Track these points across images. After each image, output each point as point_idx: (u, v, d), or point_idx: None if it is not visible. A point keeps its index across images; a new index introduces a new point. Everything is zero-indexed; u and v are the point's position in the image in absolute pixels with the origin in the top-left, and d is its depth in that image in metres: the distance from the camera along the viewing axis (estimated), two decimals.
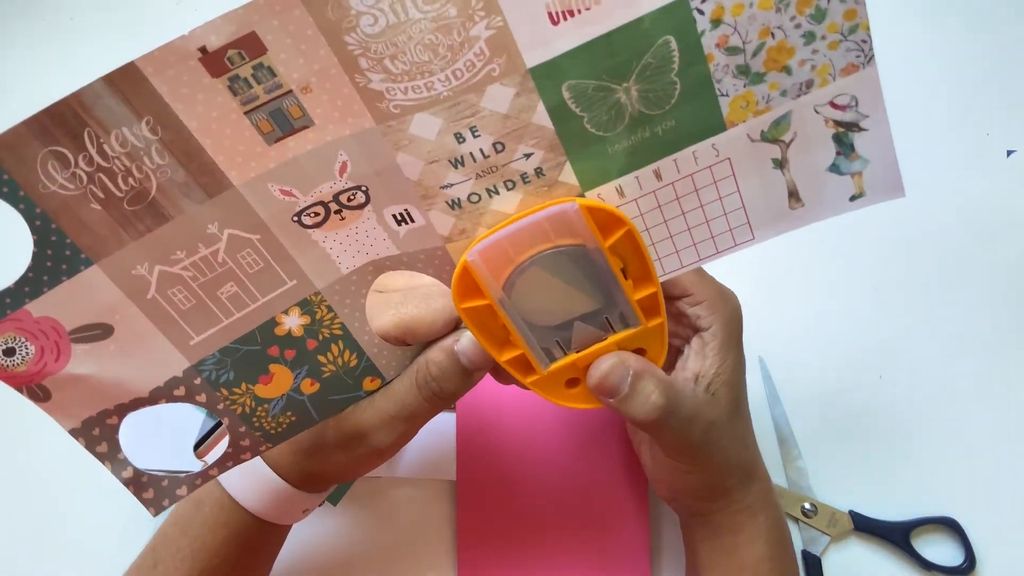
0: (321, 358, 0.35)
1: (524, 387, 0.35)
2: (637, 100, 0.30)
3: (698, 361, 0.38)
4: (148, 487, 0.36)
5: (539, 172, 0.31)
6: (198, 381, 0.34)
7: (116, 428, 0.34)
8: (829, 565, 0.47)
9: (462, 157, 0.30)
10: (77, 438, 0.34)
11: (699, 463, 0.38)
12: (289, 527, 0.43)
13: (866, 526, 0.47)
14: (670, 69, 0.29)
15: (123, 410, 0.34)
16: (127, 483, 0.35)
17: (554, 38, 0.28)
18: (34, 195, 0.28)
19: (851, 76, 0.30)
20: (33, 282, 0.30)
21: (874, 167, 0.31)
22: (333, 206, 0.31)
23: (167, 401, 0.34)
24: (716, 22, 0.28)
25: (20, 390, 0.32)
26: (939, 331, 0.50)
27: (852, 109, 0.30)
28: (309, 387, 0.36)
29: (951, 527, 0.47)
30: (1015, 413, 0.49)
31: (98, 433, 0.34)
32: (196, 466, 0.37)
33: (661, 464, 0.40)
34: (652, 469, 0.43)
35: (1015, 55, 0.53)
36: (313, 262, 0.33)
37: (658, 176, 0.32)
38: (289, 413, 0.36)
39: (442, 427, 0.48)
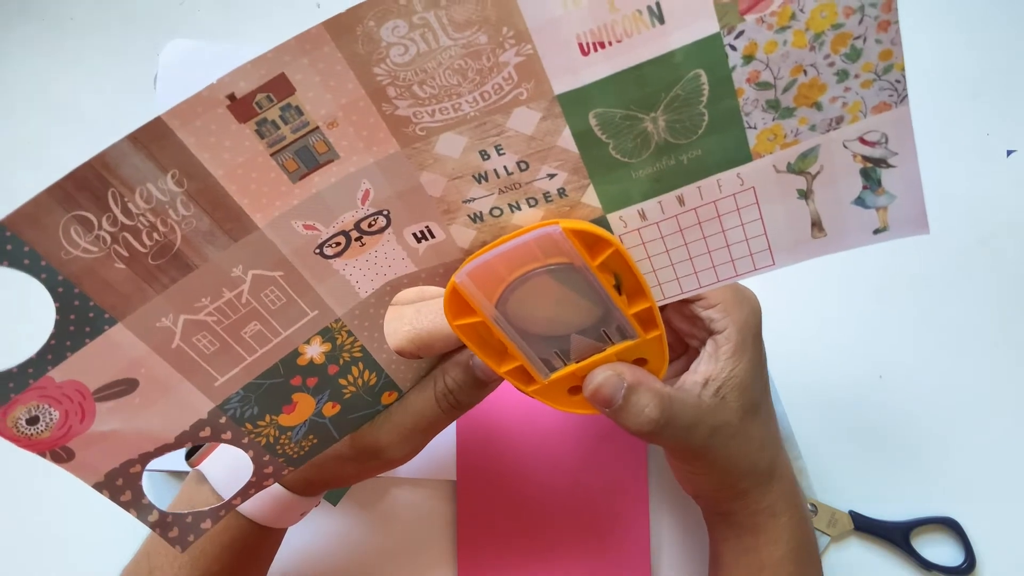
0: (342, 381, 0.35)
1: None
2: (664, 129, 0.29)
3: (710, 365, 0.37)
4: (173, 526, 0.35)
5: (562, 192, 0.31)
6: (223, 420, 0.34)
7: (139, 476, 0.33)
8: (829, 565, 0.48)
9: (486, 173, 0.30)
10: (101, 491, 0.33)
11: (703, 466, 0.38)
12: (285, 530, 0.43)
13: (866, 526, 0.48)
14: (699, 101, 0.29)
15: (147, 458, 0.33)
16: (153, 526, 0.35)
17: (583, 67, 0.28)
18: (56, 263, 0.27)
19: (883, 114, 0.29)
20: (56, 349, 0.29)
21: (900, 203, 0.31)
22: (354, 234, 0.31)
23: (192, 443, 0.34)
24: (748, 58, 0.28)
25: (43, 455, 0.31)
26: (939, 331, 0.51)
27: (881, 146, 0.30)
28: (331, 410, 0.36)
29: (951, 527, 0.48)
30: (1015, 413, 0.49)
31: (121, 483, 0.34)
32: (218, 500, 0.37)
33: (674, 466, 0.41)
34: (672, 470, 0.43)
35: (1015, 55, 0.53)
36: (333, 290, 0.33)
37: (681, 202, 0.31)
38: (311, 436, 0.36)
39: None
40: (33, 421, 0.30)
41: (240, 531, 0.39)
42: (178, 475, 0.48)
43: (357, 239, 0.32)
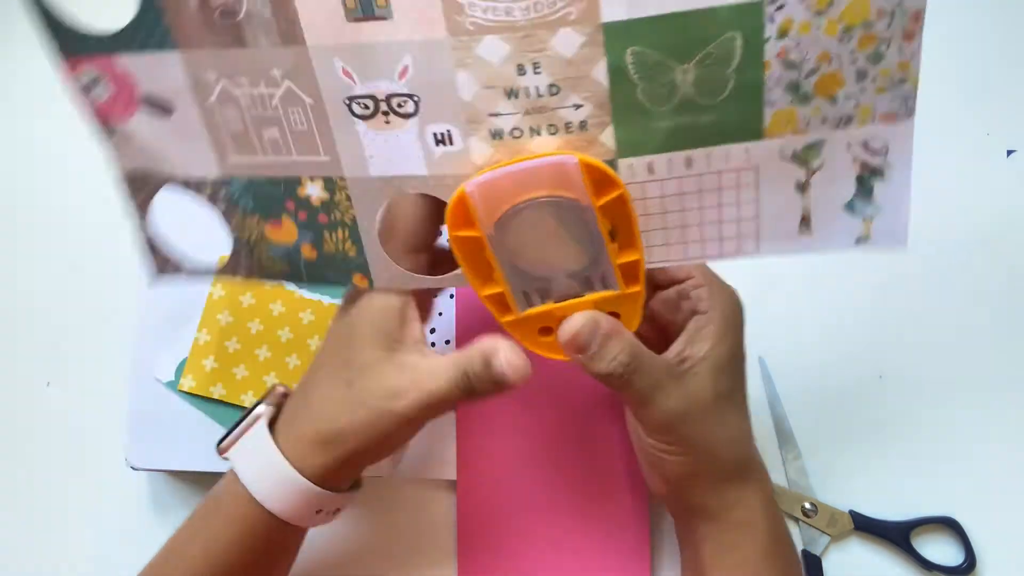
0: (326, 234, 0.37)
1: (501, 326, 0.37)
2: (691, 85, 0.31)
3: (685, 342, 0.38)
4: (160, 253, 0.39)
5: (583, 125, 0.33)
6: (222, 192, 0.37)
7: (152, 193, 0.37)
8: (829, 565, 0.48)
9: (518, 90, 0.32)
10: (122, 184, 0.37)
11: (678, 442, 0.38)
12: (303, 534, 0.42)
13: (866, 526, 0.47)
14: (729, 64, 0.31)
15: (159, 182, 0.37)
16: (144, 241, 0.38)
17: (636, 1, 0.30)
18: None
19: (889, 124, 0.32)
20: (126, 40, 0.33)
21: (886, 216, 0.33)
22: (383, 105, 0.33)
23: (195, 193, 0.37)
24: (783, 34, 0.30)
25: (92, 120, 0.35)
26: (939, 331, 0.50)
27: (882, 156, 0.32)
28: (309, 251, 0.37)
29: (951, 527, 0.47)
30: (1015, 413, 0.49)
31: (139, 185, 0.37)
32: (204, 259, 0.39)
33: (649, 451, 0.40)
34: (645, 463, 0.42)
35: (1015, 55, 0.53)
36: (349, 149, 0.34)
37: (688, 164, 0.33)
38: (284, 264, 0.38)
39: (442, 427, 0.48)
40: (91, 85, 0.34)
41: (257, 522, 0.38)
42: (203, 475, 0.48)
43: (384, 112, 0.33)
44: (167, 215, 0.37)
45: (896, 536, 0.47)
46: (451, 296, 0.48)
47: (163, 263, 0.38)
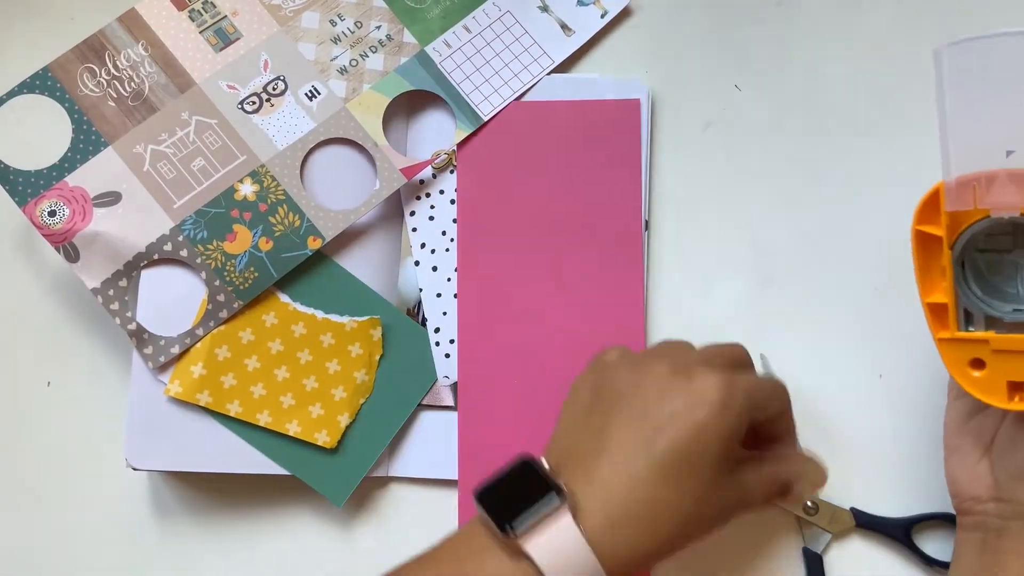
0: (272, 219, 0.46)
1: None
2: None
3: None
4: (148, 344, 0.44)
5: (389, 37, 0.48)
6: (180, 238, 0.45)
7: (126, 291, 0.44)
8: (831, 563, 0.47)
9: (338, 36, 0.47)
10: (96, 296, 0.44)
11: None
12: None
13: (868, 523, 0.47)
14: None
15: (130, 268, 0.44)
16: (131, 335, 0.44)
17: None
18: (74, 96, 0.45)
19: None
20: (70, 160, 0.44)
21: None
22: (264, 95, 0.47)
23: (159, 256, 0.44)
24: None
25: (58, 249, 0.44)
26: None
27: None
28: (265, 244, 0.46)
29: (953, 523, 0.46)
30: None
31: (112, 294, 0.44)
32: (186, 328, 0.43)
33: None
34: (1003, 449, 0.39)
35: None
36: (256, 140, 0.46)
37: (468, 29, 0.49)
38: (252, 269, 0.45)
39: (442, 427, 0.49)
40: (52, 214, 0.43)
41: None
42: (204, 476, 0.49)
43: (267, 100, 0.46)
44: (147, 302, 0.45)
45: (898, 533, 0.47)
46: (454, 296, 0.50)
47: (155, 356, 0.44)
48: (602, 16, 0.50)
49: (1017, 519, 0.37)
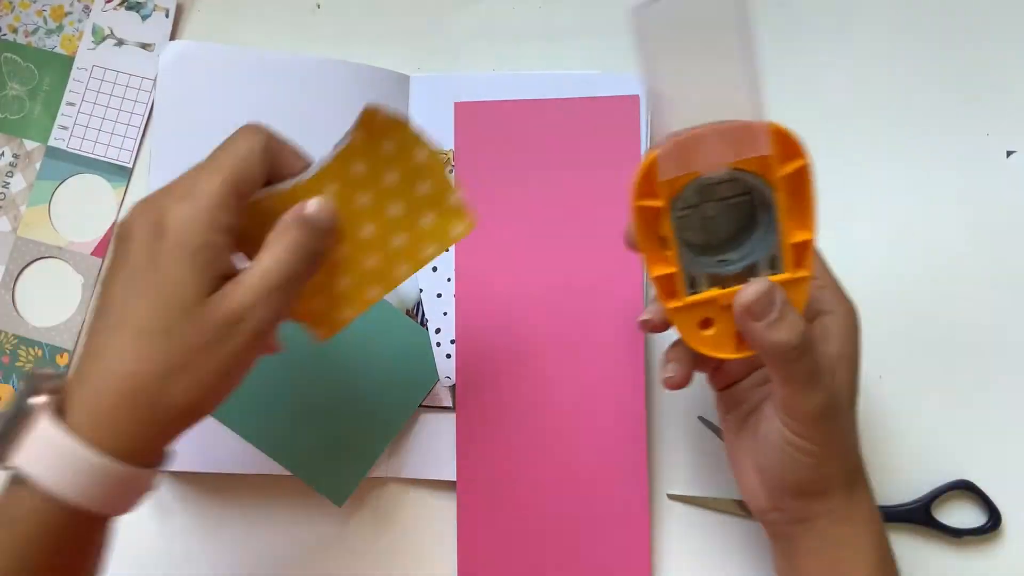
0: (19, 363, 0.49)
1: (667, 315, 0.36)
2: None
3: (820, 343, 0.36)
4: None
5: (16, 156, 0.50)
6: None
7: None
8: None
9: None
10: None
11: (818, 436, 0.36)
12: (111, 521, 0.35)
13: (886, 515, 0.46)
14: None
15: None
16: None
17: None
18: None
19: None
20: None
21: None
22: None
23: None
24: None
25: None
26: (939, 331, 0.50)
27: None
28: None
29: (969, 489, 0.47)
30: (1015, 413, 0.49)
31: None
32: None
33: (782, 450, 0.37)
34: (757, 470, 0.40)
35: (1015, 55, 0.52)
36: None
37: (71, 103, 0.51)
38: None
39: (442, 427, 0.49)
40: None
41: (49, 521, 0.32)
42: (204, 476, 0.48)
43: None
44: None
45: (918, 515, 0.47)
46: (454, 295, 0.49)
47: None
48: (167, 16, 0.51)
49: (796, 523, 0.39)
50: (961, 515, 0.47)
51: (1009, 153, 0.51)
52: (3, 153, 0.49)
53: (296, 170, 0.36)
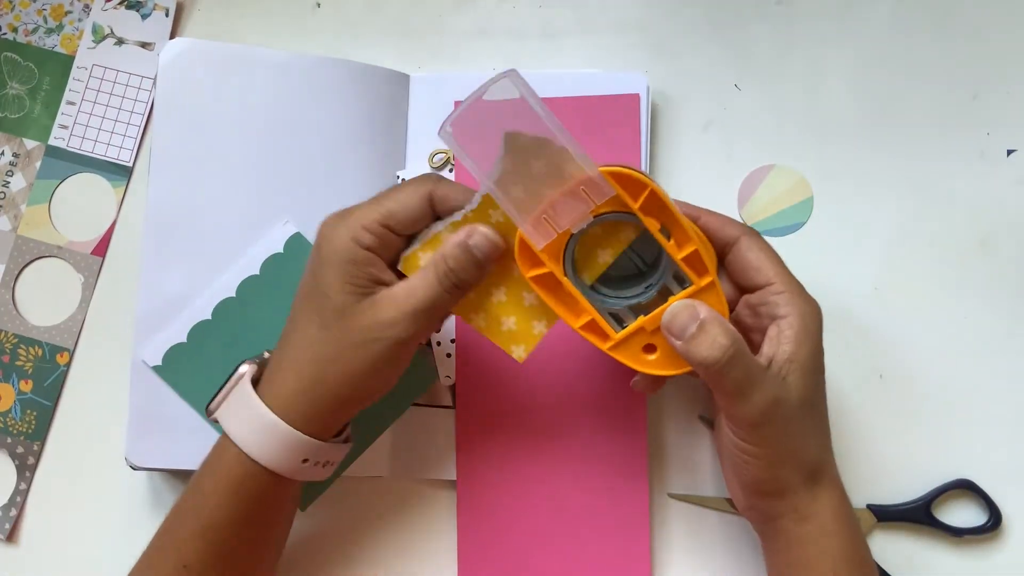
0: (19, 362, 0.50)
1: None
2: None
3: (771, 346, 0.38)
4: None
5: (16, 155, 0.51)
6: None
7: None
8: None
9: None
10: None
11: (760, 442, 0.38)
12: (296, 491, 0.42)
13: (888, 515, 0.47)
14: None
15: None
16: None
17: None
18: None
19: None
20: None
21: None
22: None
23: None
24: None
25: None
26: (939, 331, 0.50)
27: None
28: (27, 386, 0.50)
29: (969, 488, 0.47)
30: (1015, 414, 0.49)
31: None
32: None
33: (732, 454, 0.39)
34: (727, 470, 0.42)
35: (1016, 54, 0.52)
36: None
37: (71, 103, 0.51)
38: (29, 411, 0.49)
39: (442, 427, 0.49)
40: None
41: (247, 477, 0.39)
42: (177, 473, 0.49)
43: None
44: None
45: (919, 515, 0.47)
46: None
47: None
48: (167, 15, 0.52)
49: (767, 522, 0.40)
50: (961, 514, 0.47)
51: (1010, 152, 0.51)
52: (3, 152, 0.49)
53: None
